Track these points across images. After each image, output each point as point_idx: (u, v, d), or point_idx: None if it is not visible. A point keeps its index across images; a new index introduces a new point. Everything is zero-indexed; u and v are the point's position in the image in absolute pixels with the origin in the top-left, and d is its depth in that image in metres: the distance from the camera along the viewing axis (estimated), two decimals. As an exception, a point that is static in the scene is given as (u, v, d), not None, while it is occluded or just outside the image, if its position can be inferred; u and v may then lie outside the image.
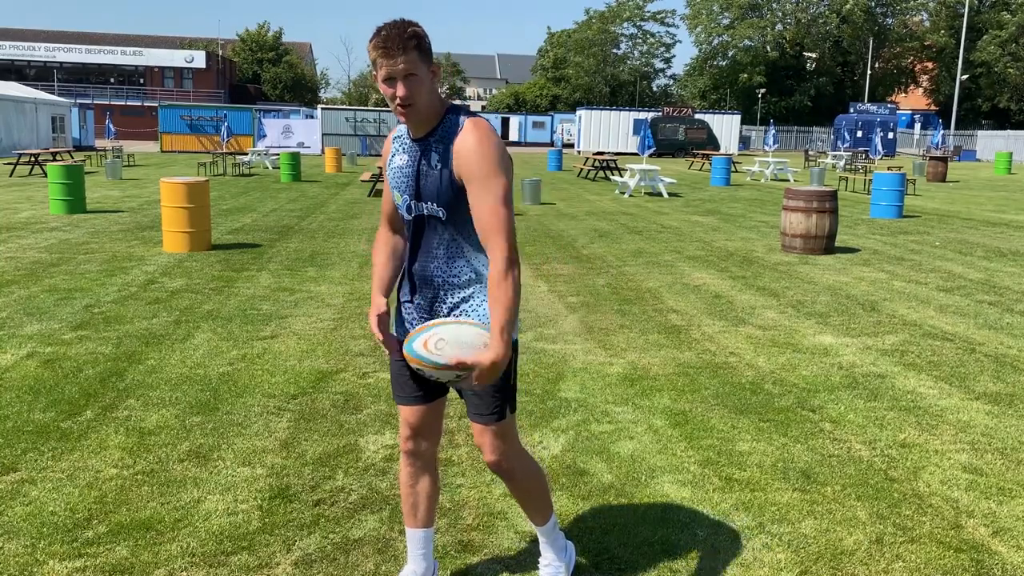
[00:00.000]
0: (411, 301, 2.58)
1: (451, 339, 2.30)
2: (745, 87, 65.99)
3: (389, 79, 2.31)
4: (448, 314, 2.52)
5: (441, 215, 2.45)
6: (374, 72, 2.35)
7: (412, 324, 2.59)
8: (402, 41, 2.27)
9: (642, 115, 48.58)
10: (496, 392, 2.54)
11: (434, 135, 2.43)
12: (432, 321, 2.40)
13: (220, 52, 68.07)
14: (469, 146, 2.35)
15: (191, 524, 3.26)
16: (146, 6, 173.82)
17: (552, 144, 52.41)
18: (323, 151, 38.52)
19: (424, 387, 2.65)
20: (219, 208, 15.18)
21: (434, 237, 2.49)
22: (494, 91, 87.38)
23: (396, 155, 2.54)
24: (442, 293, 2.51)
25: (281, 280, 8.38)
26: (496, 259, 2.32)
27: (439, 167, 2.41)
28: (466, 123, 2.39)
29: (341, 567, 2.98)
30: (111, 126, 32.95)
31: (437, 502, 2.86)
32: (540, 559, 2.87)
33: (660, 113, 48.35)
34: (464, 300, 2.51)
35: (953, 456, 4.11)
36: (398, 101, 2.32)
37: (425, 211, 2.47)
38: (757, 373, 5.45)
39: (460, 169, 2.37)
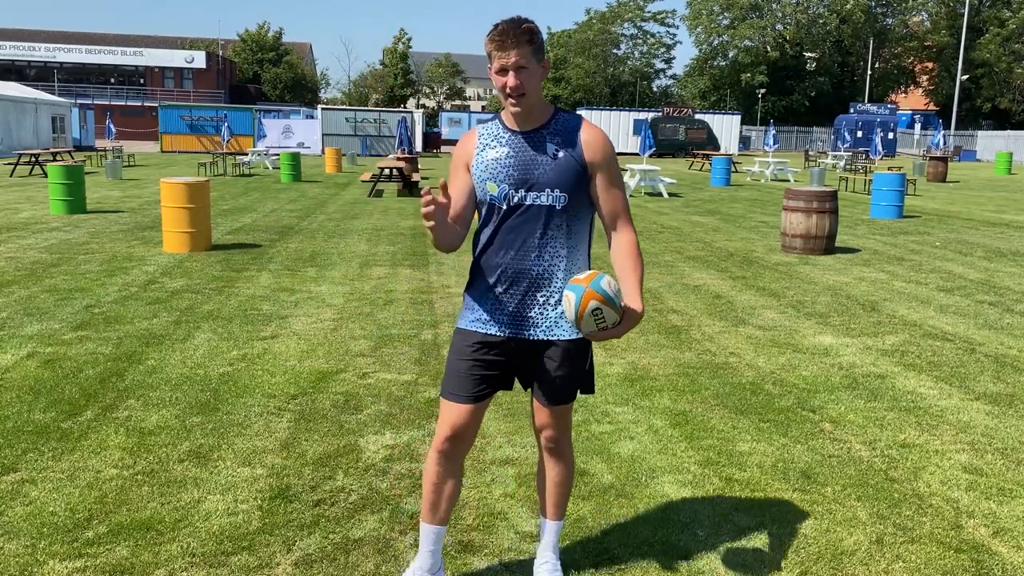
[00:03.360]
0: (498, 295, 2.60)
1: (615, 282, 2.47)
2: (746, 87, 66.01)
3: (502, 70, 2.45)
4: (539, 311, 2.58)
5: (561, 202, 2.53)
6: (489, 64, 2.51)
7: (494, 319, 2.61)
8: (516, 35, 2.42)
9: (642, 115, 48.59)
10: (579, 378, 2.69)
11: (548, 127, 2.56)
12: (595, 270, 2.50)
13: (220, 52, 68.09)
14: (600, 138, 2.57)
15: (191, 524, 3.26)
16: (146, 6, 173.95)
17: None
18: (323, 151, 38.52)
19: (483, 386, 2.64)
20: (219, 208, 15.19)
21: (536, 229, 2.54)
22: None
23: (488, 148, 2.59)
24: (535, 289, 2.57)
25: (281, 280, 8.38)
26: (629, 234, 2.60)
27: (562, 155, 2.52)
28: (584, 121, 2.59)
29: (341, 567, 2.98)
30: (111, 126, 32.91)
31: (456, 503, 2.90)
32: (537, 558, 2.89)
33: (660, 113, 48.36)
34: (558, 300, 2.58)
35: (953, 456, 4.11)
36: (509, 91, 2.46)
37: (536, 201, 2.53)
38: (757, 373, 5.45)
39: (593, 156, 2.54)
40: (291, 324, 6.55)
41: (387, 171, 21.26)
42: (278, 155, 28.57)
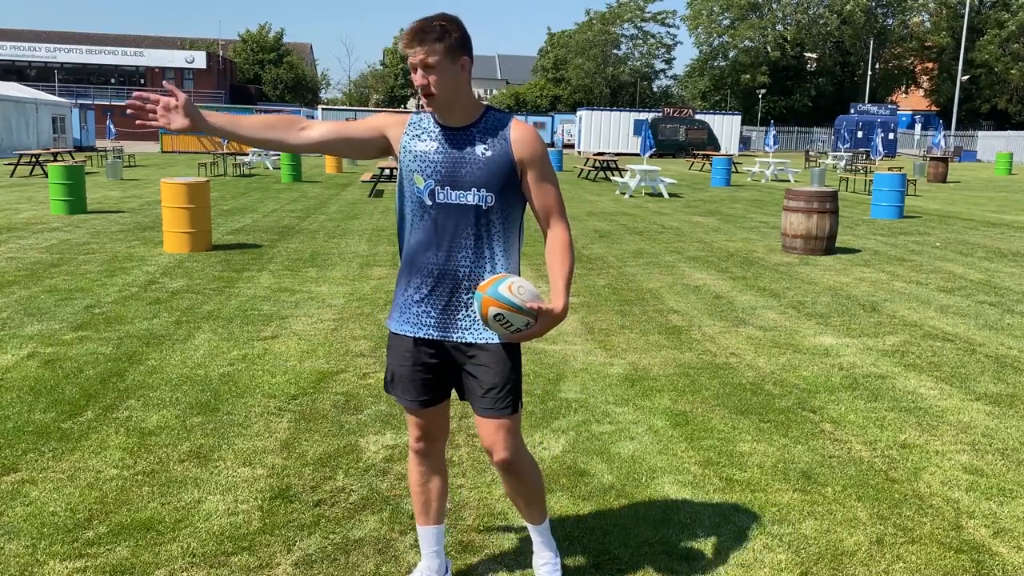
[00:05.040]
0: (424, 296, 2.55)
1: (526, 287, 2.41)
2: (746, 88, 66.02)
3: (413, 68, 2.43)
4: (465, 314, 2.52)
5: (487, 202, 2.48)
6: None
7: (422, 321, 2.55)
8: (423, 32, 2.38)
9: (643, 116, 48.59)
10: (511, 387, 2.56)
11: (478, 126, 2.51)
12: (501, 273, 2.47)
13: (221, 53, 68.10)
14: (530, 135, 2.54)
15: (191, 524, 3.26)
16: (147, 6, 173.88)
17: (552, 145, 52.40)
18: (324, 151, 38.46)
19: (431, 390, 2.63)
20: (220, 208, 15.19)
21: (462, 228, 2.49)
22: (494, 92, 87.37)
23: (418, 139, 2.55)
24: (461, 290, 2.51)
25: (282, 280, 8.38)
26: (561, 231, 2.56)
27: (491, 154, 2.48)
28: (514, 119, 2.56)
29: (341, 567, 2.98)
30: (112, 126, 32.96)
31: (447, 498, 2.88)
32: (535, 558, 2.88)
33: (661, 114, 48.35)
34: None
35: (954, 457, 4.11)
36: (420, 89, 2.44)
37: (461, 200, 2.48)
38: (757, 374, 5.45)
39: (522, 153, 2.50)
40: (291, 324, 6.55)
41: (387, 171, 21.26)
42: (278, 155, 28.56)
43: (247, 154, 30.53)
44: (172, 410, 4.55)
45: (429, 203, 2.50)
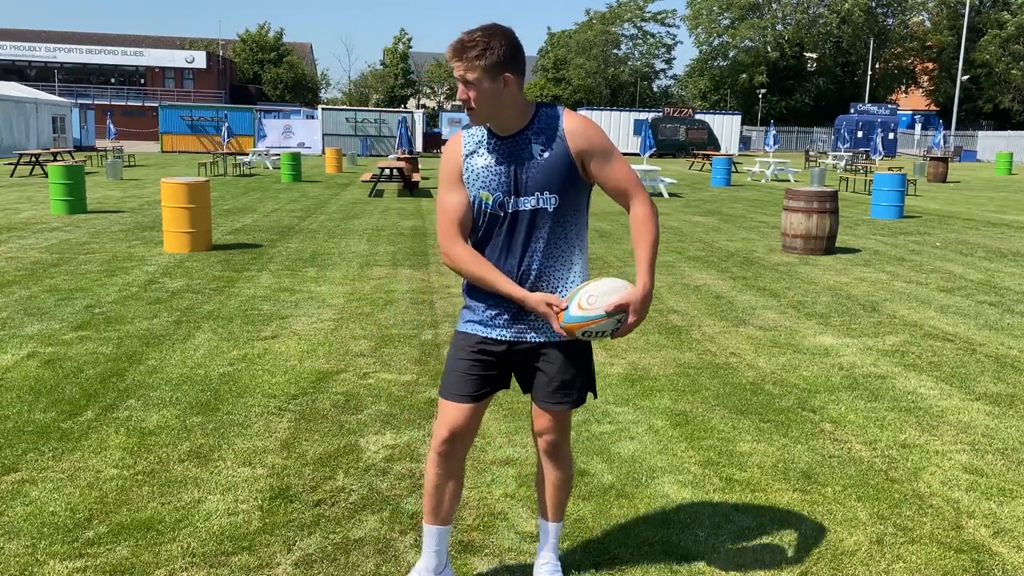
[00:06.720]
0: (496, 301, 2.57)
1: (598, 292, 2.41)
2: (745, 87, 66.03)
3: (459, 81, 2.47)
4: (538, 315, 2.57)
5: (552, 203, 2.50)
6: None
7: (496, 323, 2.58)
8: (463, 49, 2.39)
9: (643, 116, 48.59)
10: (582, 381, 2.65)
11: (531, 128, 2.51)
12: (573, 289, 2.49)
13: (221, 52, 68.11)
14: (583, 124, 2.51)
15: (191, 524, 3.26)
16: (146, 6, 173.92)
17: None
18: (323, 151, 38.54)
19: (480, 387, 2.63)
20: (220, 208, 15.19)
21: (532, 232, 2.52)
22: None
23: (476, 155, 2.55)
24: (533, 291, 2.54)
25: (282, 280, 8.38)
26: (643, 202, 2.54)
27: (548, 154, 2.49)
28: (564, 111, 2.54)
29: (341, 567, 2.98)
30: (112, 126, 32.95)
31: (459, 502, 2.89)
32: (537, 559, 2.88)
33: (661, 113, 48.37)
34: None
35: (954, 457, 4.11)
36: (462, 103, 2.47)
37: (527, 205, 2.50)
38: (758, 374, 5.45)
39: (579, 145, 2.49)
40: (291, 324, 6.55)
41: (387, 171, 21.26)
42: (278, 155, 28.56)
43: (247, 154, 30.55)
44: (172, 410, 4.55)
45: (500, 215, 2.53)
